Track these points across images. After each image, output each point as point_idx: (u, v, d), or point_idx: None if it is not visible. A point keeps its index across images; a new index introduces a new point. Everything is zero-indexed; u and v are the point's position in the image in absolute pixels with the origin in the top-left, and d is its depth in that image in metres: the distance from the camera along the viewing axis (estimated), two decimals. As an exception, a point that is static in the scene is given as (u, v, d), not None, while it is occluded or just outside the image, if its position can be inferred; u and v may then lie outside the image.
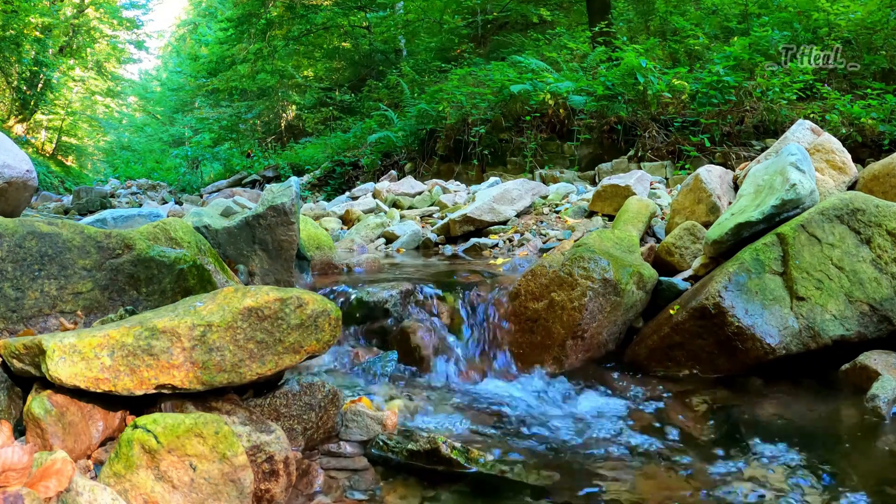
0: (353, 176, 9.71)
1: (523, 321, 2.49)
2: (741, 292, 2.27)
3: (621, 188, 4.30)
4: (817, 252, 2.32)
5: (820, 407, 2.03)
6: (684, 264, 2.83)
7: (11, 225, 1.74)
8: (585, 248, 2.56)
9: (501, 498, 1.53)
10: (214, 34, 19.81)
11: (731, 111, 6.49)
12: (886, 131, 5.70)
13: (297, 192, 2.78)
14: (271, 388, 1.70)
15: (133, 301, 1.89)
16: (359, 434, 1.77)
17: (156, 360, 1.44)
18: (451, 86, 8.59)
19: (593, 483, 1.57)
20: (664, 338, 2.39)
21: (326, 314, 1.63)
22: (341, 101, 14.85)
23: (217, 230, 2.69)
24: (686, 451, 1.73)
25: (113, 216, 3.28)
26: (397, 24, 14.95)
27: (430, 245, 4.36)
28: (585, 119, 7.18)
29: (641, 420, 1.95)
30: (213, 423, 1.32)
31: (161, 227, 2.24)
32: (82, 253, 1.81)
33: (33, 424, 1.35)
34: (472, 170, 7.76)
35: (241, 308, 1.54)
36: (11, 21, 16.81)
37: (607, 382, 2.28)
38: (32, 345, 1.42)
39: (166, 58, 32.19)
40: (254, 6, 15.52)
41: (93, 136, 27.47)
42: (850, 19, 6.80)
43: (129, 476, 1.26)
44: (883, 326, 2.23)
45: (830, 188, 2.86)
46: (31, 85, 19.64)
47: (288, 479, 1.45)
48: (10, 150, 2.30)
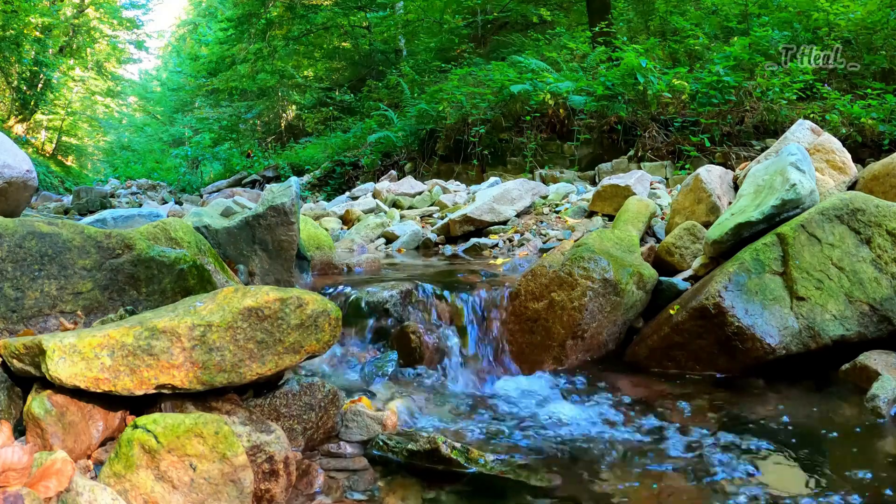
0: (353, 176, 9.72)
1: (523, 321, 2.49)
2: (741, 292, 2.27)
3: (621, 188, 4.30)
4: (817, 252, 2.32)
5: (820, 407, 2.03)
6: (684, 264, 2.83)
7: (11, 225, 1.74)
8: (585, 248, 2.56)
9: (501, 498, 1.53)
10: (214, 34, 19.82)
11: (731, 111, 6.50)
12: (886, 131, 5.71)
13: (297, 192, 2.78)
14: (271, 388, 1.70)
15: (133, 301, 1.89)
16: (359, 434, 1.77)
17: (156, 360, 1.44)
18: (451, 86, 8.60)
19: (593, 483, 1.58)
20: (664, 338, 2.39)
21: (326, 314, 1.63)
22: (341, 101, 14.86)
23: (217, 230, 2.69)
24: (686, 450, 1.73)
25: (113, 216, 3.27)
26: (397, 24, 14.96)
27: (430, 245, 4.36)
28: (585, 119, 7.18)
29: (641, 420, 1.95)
30: (213, 423, 1.32)
31: (161, 227, 2.24)
32: (82, 253, 1.81)
33: (33, 424, 1.35)
34: (472, 170, 7.76)
35: (241, 308, 1.55)
36: (11, 21, 16.81)
37: (607, 382, 2.28)
38: (32, 345, 1.42)
39: (166, 58, 32.19)
40: (254, 6, 15.53)
41: (93, 136, 27.48)
42: (850, 19, 6.80)
43: (129, 476, 1.26)
44: (883, 326, 2.23)
45: (830, 188, 2.86)
46: (31, 85, 19.64)
47: (288, 480, 1.45)
48: (10, 150, 2.30)
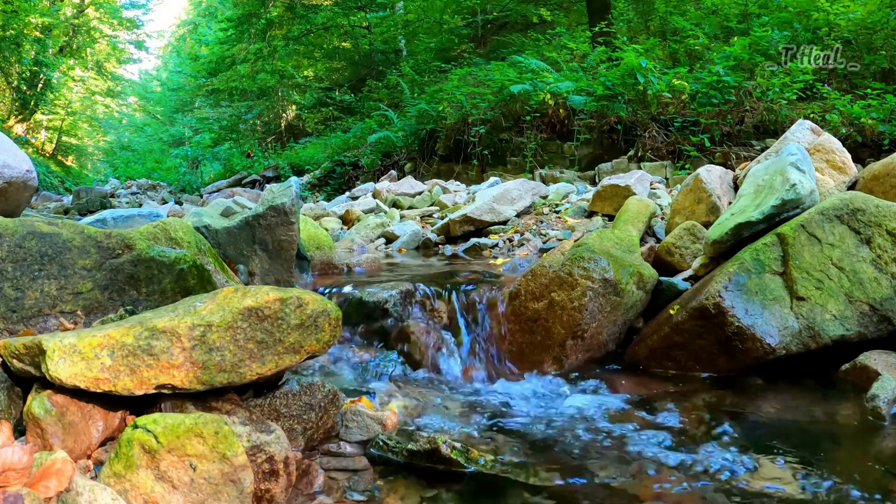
0: (353, 176, 9.72)
1: (523, 321, 2.49)
2: (741, 292, 2.27)
3: (621, 188, 4.30)
4: (817, 252, 2.32)
5: (820, 407, 2.03)
6: (684, 264, 2.83)
7: (11, 225, 1.74)
8: (585, 248, 2.56)
9: (502, 498, 1.53)
10: (214, 34, 19.83)
11: (731, 111, 6.50)
12: (886, 131, 5.71)
13: (297, 192, 2.78)
14: (271, 388, 1.70)
15: (133, 301, 1.89)
16: (359, 434, 1.77)
17: (156, 360, 1.44)
18: (451, 86, 8.60)
19: (593, 483, 1.57)
20: (664, 338, 2.39)
21: (326, 314, 1.63)
22: (341, 101, 14.86)
23: (217, 230, 2.69)
24: (686, 450, 1.73)
25: (113, 216, 3.27)
26: (397, 24, 14.96)
27: (430, 245, 4.36)
28: (585, 119, 7.18)
29: (641, 420, 1.95)
30: (213, 423, 1.32)
31: (161, 227, 2.24)
32: (82, 253, 1.81)
33: (33, 424, 1.35)
34: (472, 170, 7.76)
35: (241, 308, 1.55)
36: (11, 21, 16.82)
37: (607, 382, 2.28)
38: (32, 345, 1.42)
39: (166, 58, 32.20)
40: (254, 6, 15.54)
41: (93, 136, 27.49)
42: (850, 19, 6.80)
43: (129, 476, 1.26)
44: (883, 326, 2.23)
45: (830, 188, 2.86)
46: (31, 85, 19.65)
47: (288, 479, 1.45)
48: (10, 150, 2.30)
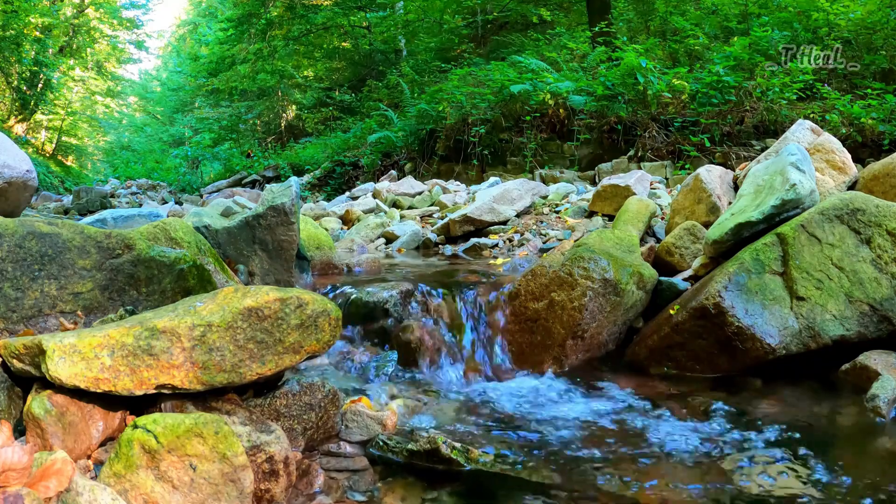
0: (353, 176, 9.72)
1: (523, 321, 2.49)
2: (741, 292, 2.27)
3: (621, 188, 4.30)
4: (817, 252, 2.32)
5: (820, 407, 2.03)
6: (684, 264, 2.83)
7: (11, 225, 1.74)
8: (585, 248, 2.56)
9: (502, 498, 1.53)
10: (214, 34, 19.82)
11: (731, 111, 6.50)
12: (886, 131, 5.70)
13: (297, 192, 2.78)
14: (271, 388, 1.70)
15: (133, 301, 1.89)
16: (359, 434, 1.77)
17: (156, 360, 1.44)
18: (451, 86, 8.59)
19: (593, 482, 1.57)
20: (664, 338, 2.39)
21: (326, 314, 1.63)
22: (341, 101, 14.86)
23: (217, 230, 2.69)
24: (686, 450, 1.73)
25: (113, 216, 3.28)
26: (397, 24, 14.96)
27: (430, 245, 4.36)
28: (585, 119, 7.18)
29: (641, 420, 1.95)
30: (213, 423, 1.32)
31: (161, 227, 2.24)
32: (82, 253, 1.81)
33: (33, 424, 1.35)
34: (472, 170, 7.76)
35: (241, 308, 1.55)
36: (11, 21, 16.81)
37: (607, 382, 2.28)
38: (32, 345, 1.42)
39: (166, 58, 32.20)
40: (254, 6, 15.54)
41: (93, 136, 27.47)
42: (850, 19, 6.80)
43: (129, 476, 1.26)
44: (883, 326, 2.23)
45: (830, 188, 2.86)
46: (31, 85, 19.64)
47: (288, 479, 1.45)
48: (10, 150, 2.30)
